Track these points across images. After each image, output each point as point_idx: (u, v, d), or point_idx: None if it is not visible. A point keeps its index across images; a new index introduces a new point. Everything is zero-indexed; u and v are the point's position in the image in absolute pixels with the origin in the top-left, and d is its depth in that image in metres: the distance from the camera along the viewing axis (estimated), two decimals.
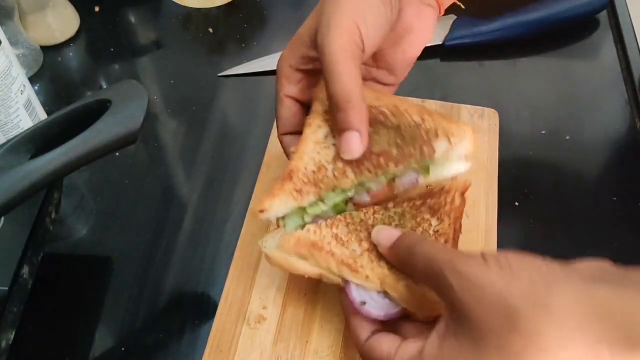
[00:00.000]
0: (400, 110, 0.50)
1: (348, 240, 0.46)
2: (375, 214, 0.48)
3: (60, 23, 0.81)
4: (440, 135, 0.49)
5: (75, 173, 0.50)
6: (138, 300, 0.59)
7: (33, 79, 0.78)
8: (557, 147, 0.69)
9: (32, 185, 0.44)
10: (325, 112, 0.49)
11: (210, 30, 0.84)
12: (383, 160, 0.48)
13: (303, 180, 0.47)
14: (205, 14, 0.86)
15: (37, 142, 0.47)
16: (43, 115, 0.66)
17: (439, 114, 0.50)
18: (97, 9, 0.86)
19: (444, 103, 0.71)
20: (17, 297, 0.52)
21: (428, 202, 0.49)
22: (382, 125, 0.49)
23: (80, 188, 0.68)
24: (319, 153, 0.48)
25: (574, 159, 0.68)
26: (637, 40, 0.79)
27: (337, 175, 0.48)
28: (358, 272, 0.45)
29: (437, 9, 0.53)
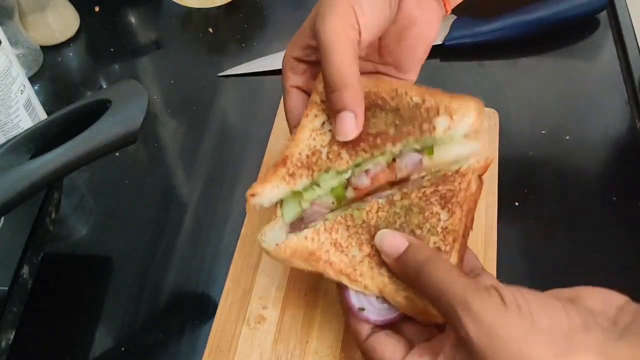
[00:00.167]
0: (400, 93, 0.47)
1: (348, 246, 0.44)
2: (380, 212, 0.45)
3: (60, 23, 0.81)
4: (442, 113, 0.46)
5: (75, 173, 0.50)
6: (138, 300, 0.59)
7: (33, 79, 0.78)
8: (557, 147, 0.69)
9: (32, 185, 0.44)
10: (323, 102, 0.48)
11: (210, 30, 0.84)
12: (380, 141, 0.46)
13: (296, 165, 0.46)
14: (205, 14, 0.86)
15: (37, 142, 0.47)
16: (43, 115, 0.66)
17: (443, 93, 0.47)
18: (97, 9, 0.86)
19: None
20: (17, 297, 0.52)
21: (440, 189, 0.45)
22: (380, 109, 0.47)
23: (80, 188, 0.68)
24: (315, 139, 0.47)
25: (574, 159, 0.68)
26: (637, 40, 0.79)
27: (331, 157, 0.46)
28: (357, 281, 0.44)
29: (441, 4, 0.52)
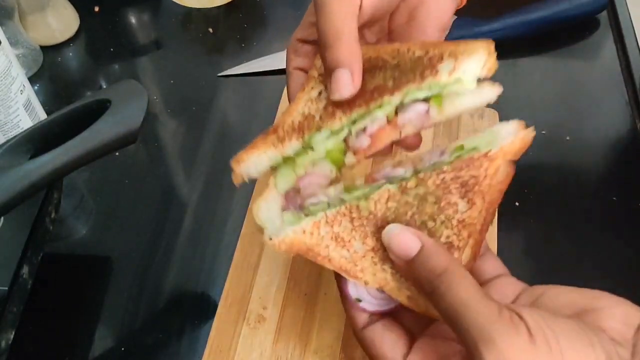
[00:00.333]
0: (402, 51, 0.43)
1: (351, 240, 0.40)
2: (390, 201, 0.40)
3: (60, 23, 0.81)
4: (446, 58, 0.41)
5: (75, 173, 0.50)
6: (138, 300, 0.59)
7: (33, 79, 0.78)
8: (557, 147, 0.69)
9: (32, 185, 0.44)
10: (321, 75, 0.44)
11: (210, 30, 0.84)
12: (377, 94, 0.41)
13: (287, 131, 0.42)
14: (205, 14, 0.86)
15: (37, 142, 0.47)
16: (43, 115, 0.66)
17: (450, 42, 0.42)
18: (97, 9, 0.86)
19: None
20: (17, 297, 0.52)
21: (462, 175, 0.40)
22: (379, 70, 0.43)
23: (80, 188, 0.68)
24: (309, 107, 0.43)
25: (574, 159, 0.68)
26: (637, 41, 0.79)
27: (324, 117, 0.42)
28: (357, 277, 0.40)
29: None
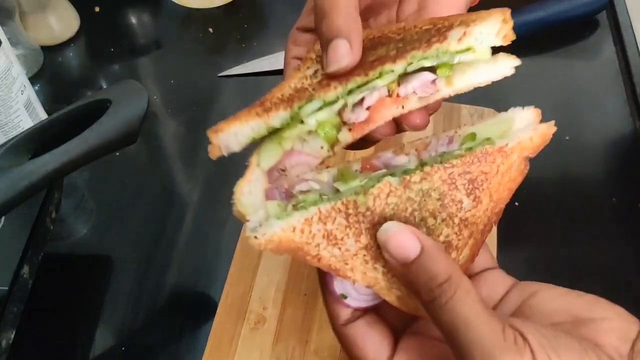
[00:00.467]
0: (408, 28, 0.39)
1: (343, 238, 0.36)
2: (390, 196, 0.36)
3: (61, 23, 0.81)
4: (456, 26, 0.37)
5: (75, 173, 0.50)
6: (138, 300, 0.59)
7: (33, 79, 0.78)
8: (557, 147, 0.69)
9: (32, 185, 0.44)
10: (319, 56, 0.40)
11: (210, 30, 0.84)
12: (378, 63, 0.37)
13: (275, 103, 0.37)
14: (205, 14, 0.86)
15: (37, 142, 0.47)
16: (43, 115, 0.66)
17: (462, 14, 0.39)
18: (97, 9, 0.86)
19: (444, 103, 0.71)
20: (17, 297, 0.52)
21: (472, 170, 0.36)
22: (382, 45, 0.39)
23: (80, 188, 0.68)
24: (303, 83, 0.39)
25: (574, 159, 0.68)
26: (636, 41, 0.79)
27: (317, 89, 0.37)
28: (346, 276, 0.37)
29: None
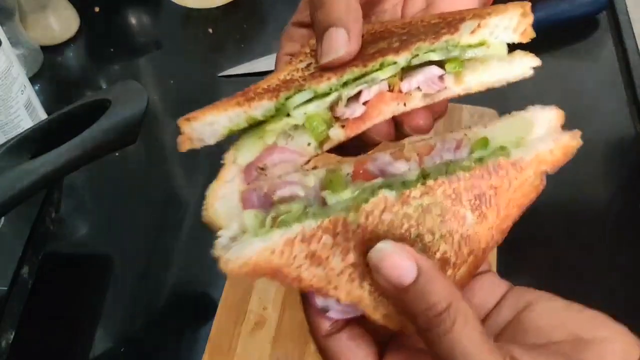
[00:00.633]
0: (414, 22, 0.36)
1: (328, 257, 0.31)
2: (386, 212, 0.32)
3: (61, 23, 0.81)
4: (469, 19, 0.33)
5: (75, 173, 0.50)
6: (138, 300, 0.59)
7: (33, 79, 0.78)
8: None
9: (32, 185, 0.44)
10: (313, 50, 0.37)
11: (210, 31, 0.84)
12: (379, 54, 0.33)
13: (259, 92, 0.33)
14: (205, 14, 0.86)
15: (37, 142, 0.47)
16: (43, 115, 0.66)
17: (474, 8, 0.35)
18: (97, 9, 0.86)
19: None
20: (17, 297, 0.52)
21: (481, 185, 0.32)
22: (384, 40, 0.35)
23: (80, 188, 0.68)
24: (293, 74, 0.34)
25: (574, 159, 0.68)
26: (636, 41, 0.79)
27: (308, 80, 0.33)
28: (328, 295, 0.32)
29: None
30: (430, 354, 0.31)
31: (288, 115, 0.32)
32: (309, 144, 0.33)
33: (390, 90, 0.33)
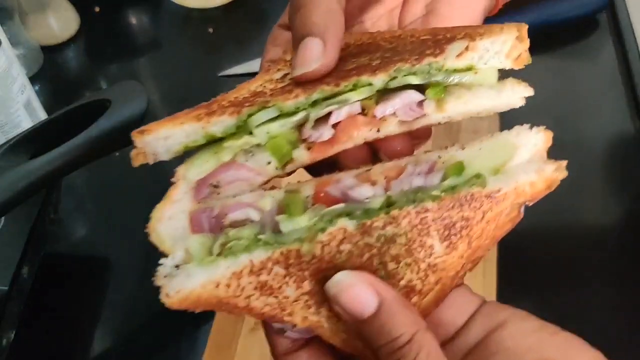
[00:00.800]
0: (403, 37, 0.34)
1: (281, 287, 0.30)
2: (344, 243, 0.29)
3: (61, 23, 0.81)
4: (459, 39, 0.31)
5: (75, 173, 0.50)
6: (138, 301, 0.59)
7: (33, 79, 0.78)
8: (556, 147, 0.69)
9: (31, 185, 0.44)
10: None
11: (210, 30, 0.84)
12: (355, 72, 0.31)
13: (222, 105, 0.31)
14: (205, 14, 0.86)
15: (37, 142, 0.47)
16: (43, 115, 0.66)
17: (471, 25, 0.34)
18: (97, 9, 0.86)
19: None
20: (17, 297, 0.52)
21: (451, 216, 0.30)
22: (368, 53, 0.33)
23: (80, 188, 0.68)
24: (265, 87, 0.32)
25: (574, 159, 0.68)
26: (636, 41, 0.79)
27: (275, 95, 0.30)
28: (283, 321, 0.31)
29: None
30: None
31: (250, 133, 0.30)
32: (269, 163, 0.31)
33: (364, 114, 0.31)
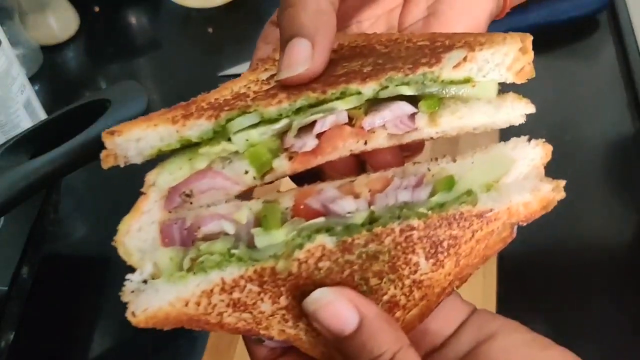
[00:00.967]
0: (400, 41, 0.32)
1: (256, 303, 0.28)
2: (322, 260, 0.28)
3: (61, 23, 0.81)
4: (457, 47, 0.29)
5: (75, 173, 0.50)
6: None
7: (33, 79, 0.78)
8: (557, 147, 0.69)
9: (31, 185, 0.44)
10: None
11: (210, 30, 0.84)
12: (344, 79, 0.28)
13: (202, 107, 0.29)
14: (205, 14, 0.86)
15: (37, 142, 0.47)
16: (43, 115, 0.66)
17: (473, 33, 0.31)
18: (97, 9, 0.86)
19: None
20: (17, 297, 0.52)
21: (439, 234, 0.28)
22: (361, 57, 0.31)
23: (80, 188, 0.68)
24: (250, 87, 0.30)
25: (574, 159, 0.68)
26: (636, 41, 0.79)
27: (258, 100, 0.28)
28: (259, 335, 0.29)
29: None
30: None
31: (229, 140, 0.28)
32: (247, 172, 0.29)
33: (351, 125, 0.29)
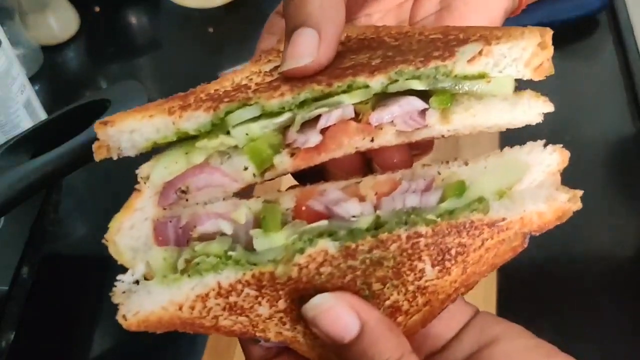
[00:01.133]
0: (411, 34, 0.30)
1: (253, 306, 0.27)
2: (323, 266, 0.26)
3: (61, 23, 0.81)
4: (472, 41, 0.27)
5: (75, 173, 0.50)
6: None
7: (33, 79, 0.78)
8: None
9: (31, 185, 0.44)
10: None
11: (210, 30, 0.84)
12: (351, 72, 0.27)
13: (201, 98, 0.27)
14: (205, 14, 0.86)
15: (37, 142, 0.47)
16: (43, 115, 0.66)
17: (489, 27, 0.30)
18: (97, 9, 0.86)
19: None
20: (17, 297, 0.52)
21: (447, 241, 0.27)
22: (369, 49, 0.29)
23: (80, 188, 0.68)
24: (251, 79, 0.28)
25: (574, 160, 0.68)
26: (636, 41, 0.79)
27: (260, 92, 0.27)
28: (255, 337, 0.29)
29: None
30: None
31: (228, 133, 0.26)
32: (246, 169, 0.27)
33: (357, 120, 0.27)
